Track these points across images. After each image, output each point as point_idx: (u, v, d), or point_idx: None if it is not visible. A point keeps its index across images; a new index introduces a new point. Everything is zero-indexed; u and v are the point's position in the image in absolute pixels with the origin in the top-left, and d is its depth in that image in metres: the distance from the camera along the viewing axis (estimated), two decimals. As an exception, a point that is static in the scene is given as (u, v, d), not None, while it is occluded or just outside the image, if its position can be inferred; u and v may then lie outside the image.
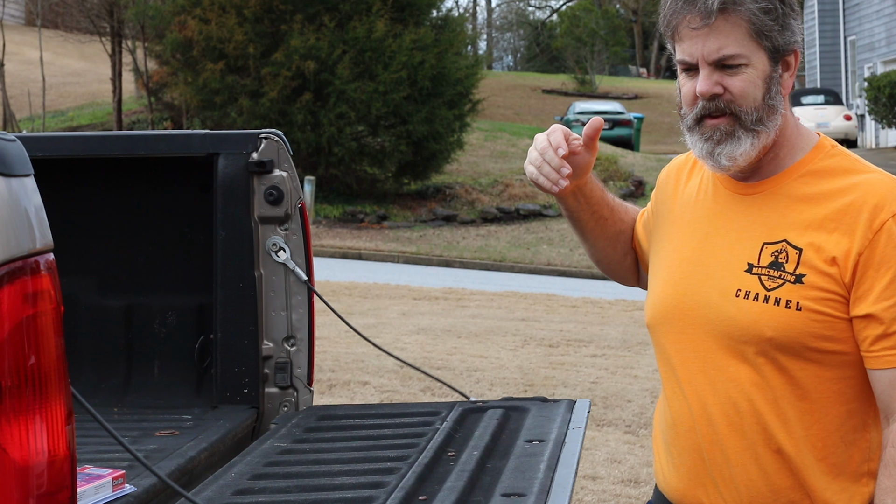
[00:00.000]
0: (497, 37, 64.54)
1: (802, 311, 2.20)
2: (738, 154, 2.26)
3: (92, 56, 37.82)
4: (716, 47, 2.22)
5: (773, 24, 2.24)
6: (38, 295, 1.80)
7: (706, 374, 2.30)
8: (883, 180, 2.26)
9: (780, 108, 2.28)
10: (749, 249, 2.28)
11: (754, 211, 2.32)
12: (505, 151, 27.83)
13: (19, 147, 1.87)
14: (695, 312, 2.32)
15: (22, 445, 1.75)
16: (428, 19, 24.28)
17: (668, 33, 2.30)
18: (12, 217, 1.79)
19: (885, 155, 28.05)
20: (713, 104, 2.25)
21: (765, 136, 2.26)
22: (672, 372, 2.38)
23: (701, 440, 2.32)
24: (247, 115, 22.21)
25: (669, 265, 2.40)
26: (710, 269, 2.32)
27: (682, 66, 2.29)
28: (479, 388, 7.88)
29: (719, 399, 2.29)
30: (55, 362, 1.82)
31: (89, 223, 3.96)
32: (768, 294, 2.23)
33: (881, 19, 32.28)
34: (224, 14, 22.52)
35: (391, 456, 2.81)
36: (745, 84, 2.24)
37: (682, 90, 2.30)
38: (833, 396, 2.24)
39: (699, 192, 2.43)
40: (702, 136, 2.28)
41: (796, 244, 2.24)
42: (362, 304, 12.16)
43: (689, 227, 2.40)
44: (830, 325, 2.21)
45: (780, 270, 2.24)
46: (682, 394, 2.35)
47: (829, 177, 2.28)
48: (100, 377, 3.84)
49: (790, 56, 2.29)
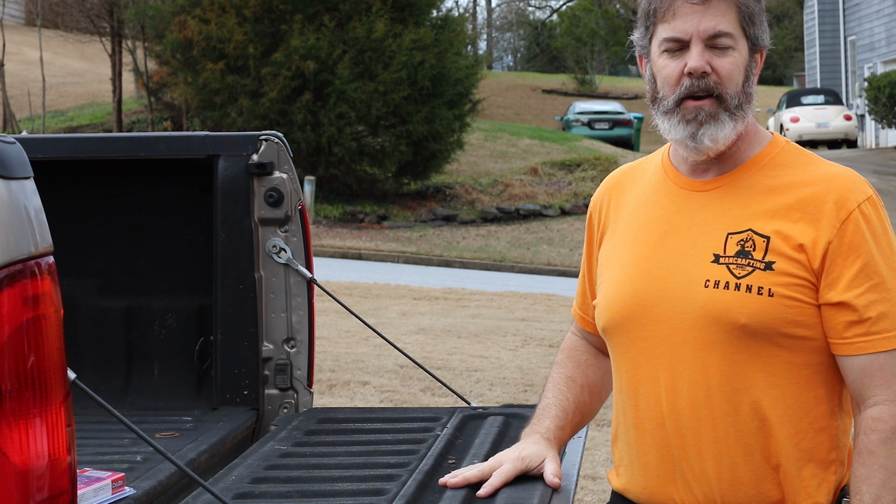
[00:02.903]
0: (497, 37, 64.54)
1: (775, 296, 2.23)
2: (720, 136, 2.29)
3: (92, 56, 37.81)
4: (713, 24, 2.27)
5: (757, 14, 2.31)
6: (39, 298, 1.80)
7: (674, 368, 2.31)
8: (843, 172, 2.33)
9: (753, 99, 2.33)
10: (714, 241, 2.30)
11: (715, 204, 2.34)
12: (505, 151, 27.83)
13: (19, 149, 1.87)
14: (658, 308, 2.33)
15: (22, 449, 1.74)
16: (428, 19, 24.27)
17: (664, 9, 2.31)
18: (12, 219, 1.79)
19: (885, 155, 28.04)
20: (700, 83, 2.28)
21: (742, 122, 2.31)
22: (636, 370, 2.38)
23: (670, 436, 2.32)
24: (247, 115, 22.21)
25: (624, 268, 2.41)
26: (673, 264, 2.33)
27: (672, 44, 2.30)
28: (479, 388, 7.88)
29: (689, 392, 2.30)
30: (55, 365, 1.81)
31: (89, 225, 3.96)
32: (739, 282, 2.25)
33: (881, 19, 32.27)
34: (224, 14, 22.52)
35: (391, 462, 2.81)
36: (732, 66, 2.29)
37: (664, 72, 2.31)
38: (802, 383, 2.27)
39: (646, 198, 2.45)
40: (683, 117, 2.29)
41: (762, 232, 2.27)
42: (362, 304, 12.15)
43: (643, 230, 2.41)
44: (801, 310, 2.24)
45: (748, 258, 2.26)
46: (649, 390, 2.35)
47: (788, 168, 2.33)
48: (100, 379, 3.84)
49: (758, 53, 2.35)
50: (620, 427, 2.44)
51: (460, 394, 3.86)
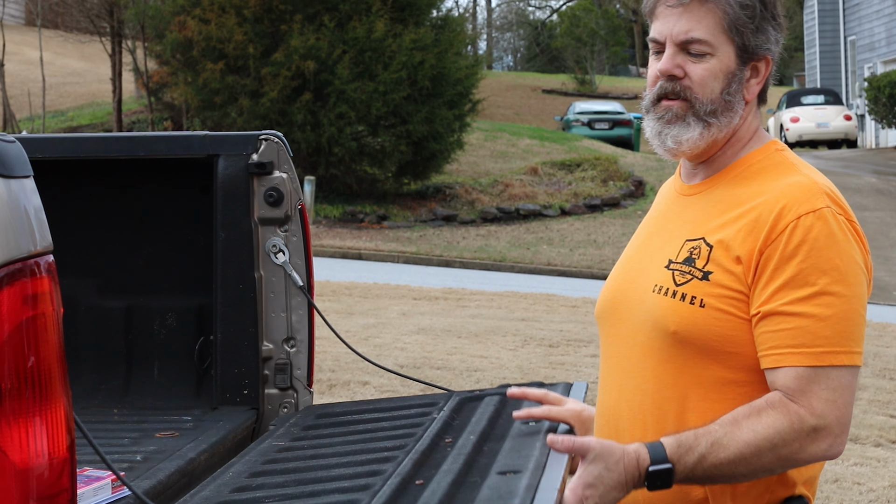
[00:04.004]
0: (497, 37, 64.53)
1: (706, 307, 2.20)
2: (684, 139, 2.28)
3: (92, 56, 37.81)
4: (684, 29, 2.25)
5: (749, 21, 2.26)
6: (38, 297, 1.80)
7: (622, 369, 2.33)
8: (801, 182, 2.23)
9: (738, 109, 2.29)
10: (673, 246, 2.31)
11: (689, 211, 2.35)
12: (505, 151, 27.82)
13: (19, 148, 1.87)
14: (622, 308, 2.36)
15: (22, 448, 1.75)
16: (428, 19, 24.26)
17: (647, 10, 2.34)
18: (12, 219, 1.79)
19: (885, 155, 28.04)
20: (671, 85, 2.28)
21: (716, 129, 2.28)
22: (603, 364, 2.42)
23: (612, 435, 2.33)
24: (247, 115, 22.20)
25: (619, 263, 2.47)
26: (643, 266, 2.36)
27: (653, 46, 2.32)
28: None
29: (628, 395, 2.31)
30: (55, 364, 1.82)
31: (89, 225, 3.96)
32: (676, 289, 2.25)
33: (881, 19, 32.27)
34: (224, 14, 22.51)
35: (388, 446, 2.81)
36: (705, 73, 2.26)
37: (648, 71, 2.34)
38: (737, 399, 2.20)
39: (663, 198, 2.50)
40: (655, 115, 2.31)
41: (710, 242, 2.25)
42: (362, 304, 12.15)
43: (643, 229, 2.47)
44: (733, 325, 2.19)
45: (690, 266, 2.25)
46: (606, 386, 2.39)
47: (759, 177, 2.29)
48: (100, 378, 3.84)
49: (760, 62, 2.30)
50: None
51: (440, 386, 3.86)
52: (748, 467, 2.14)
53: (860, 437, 6.99)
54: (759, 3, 2.26)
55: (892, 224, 19.35)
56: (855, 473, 6.22)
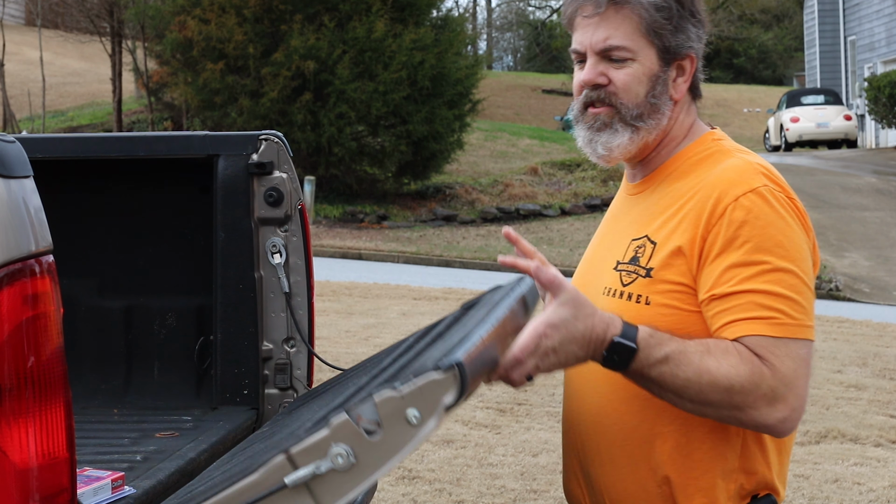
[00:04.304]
0: (497, 37, 64.51)
1: (651, 305, 2.21)
2: (613, 145, 2.30)
3: (92, 56, 37.81)
4: (603, 37, 2.27)
5: (666, 23, 2.27)
6: (38, 297, 1.80)
7: (582, 375, 2.32)
8: (735, 165, 2.25)
9: (665, 109, 2.30)
10: (620, 247, 2.32)
11: (632, 210, 2.37)
12: (505, 151, 27.82)
13: (19, 149, 1.87)
14: None
15: (21, 448, 1.75)
16: (428, 19, 24.26)
17: (566, 22, 2.36)
18: (12, 219, 1.79)
19: (885, 155, 28.04)
20: (596, 93, 2.30)
21: (645, 132, 2.29)
22: (566, 373, 2.41)
23: (576, 439, 2.34)
24: (247, 116, 22.21)
25: (578, 266, 2.49)
26: (595, 269, 2.38)
27: (575, 56, 2.34)
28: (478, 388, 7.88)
29: (589, 399, 2.32)
30: (55, 364, 1.82)
31: (89, 225, 3.96)
32: (623, 290, 2.26)
33: (881, 19, 32.27)
34: (224, 14, 22.52)
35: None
36: (628, 78, 2.27)
37: (574, 80, 2.36)
38: None
39: (614, 201, 2.51)
40: (585, 124, 2.33)
41: (654, 238, 2.26)
42: (362, 304, 12.15)
43: (595, 235, 2.50)
44: (680, 318, 2.20)
45: (635, 265, 2.26)
46: (569, 393, 2.39)
47: (695, 170, 2.30)
48: (100, 378, 3.84)
49: (684, 60, 2.32)
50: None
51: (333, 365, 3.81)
52: (698, 394, 2.10)
53: (860, 437, 6.99)
54: (675, 3, 2.27)
55: (892, 224, 19.35)
56: (855, 473, 6.22)
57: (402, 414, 1.67)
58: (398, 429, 1.67)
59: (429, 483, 5.81)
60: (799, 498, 5.80)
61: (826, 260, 16.75)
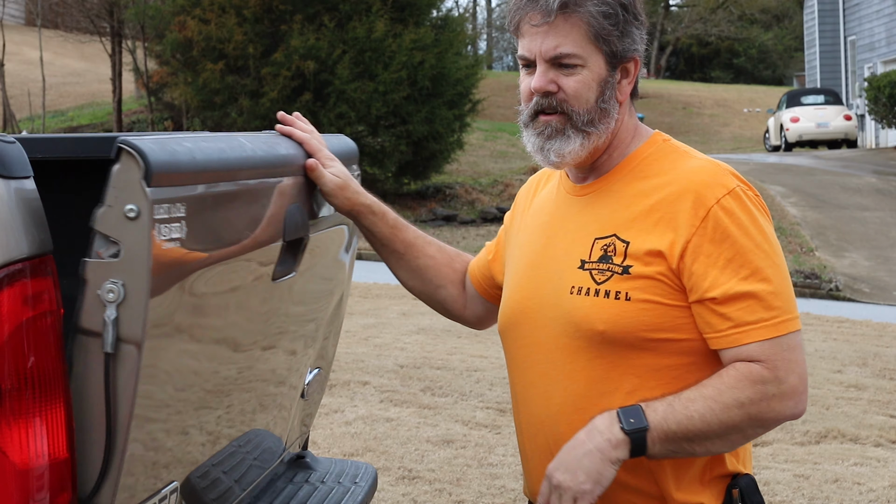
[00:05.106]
0: (497, 37, 64.50)
1: (632, 301, 2.24)
2: (566, 152, 2.32)
3: (92, 56, 37.82)
4: (553, 45, 2.28)
5: (613, 28, 2.29)
6: (38, 297, 1.80)
7: (549, 375, 2.33)
8: (703, 167, 2.29)
9: (614, 113, 2.33)
10: (582, 247, 2.33)
11: (588, 210, 2.37)
12: (505, 151, 27.83)
13: (19, 149, 1.87)
14: (537, 314, 2.36)
15: (22, 448, 1.75)
16: (428, 19, 24.26)
17: (512, 28, 2.37)
18: (12, 219, 1.79)
19: (885, 155, 28.04)
20: (546, 101, 2.31)
21: (595, 137, 2.32)
22: (519, 375, 2.41)
23: (548, 441, 2.34)
24: (247, 115, 22.21)
25: (517, 271, 2.46)
26: (550, 270, 2.37)
27: (522, 62, 2.35)
28: (479, 388, 7.88)
29: (560, 398, 2.32)
30: (55, 365, 1.82)
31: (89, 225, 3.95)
32: (598, 287, 2.27)
33: (881, 19, 32.28)
34: (224, 14, 22.52)
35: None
36: (578, 85, 2.29)
37: (521, 87, 2.37)
38: (671, 383, 2.25)
39: (547, 199, 2.50)
40: (535, 131, 2.34)
41: (624, 238, 2.28)
42: (362, 304, 12.15)
43: (536, 233, 2.47)
44: (660, 313, 2.24)
45: (608, 263, 2.28)
46: (529, 396, 2.38)
47: (653, 169, 2.33)
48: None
49: (629, 63, 2.35)
50: (516, 432, 2.49)
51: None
52: (719, 425, 2.19)
53: (860, 437, 6.99)
54: (620, 8, 2.30)
55: (892, 224, 19.35)
56: (855, 473, 6.22)
57: (122, 216, 1.86)
58: (130, 230, 1.86)
59: (429, 483, 5.81)
60: (799, 498, 5.80)
61: (826, 260, 16.76)
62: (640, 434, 2.18)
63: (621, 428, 2.19)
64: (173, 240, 1.92)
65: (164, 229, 1.89)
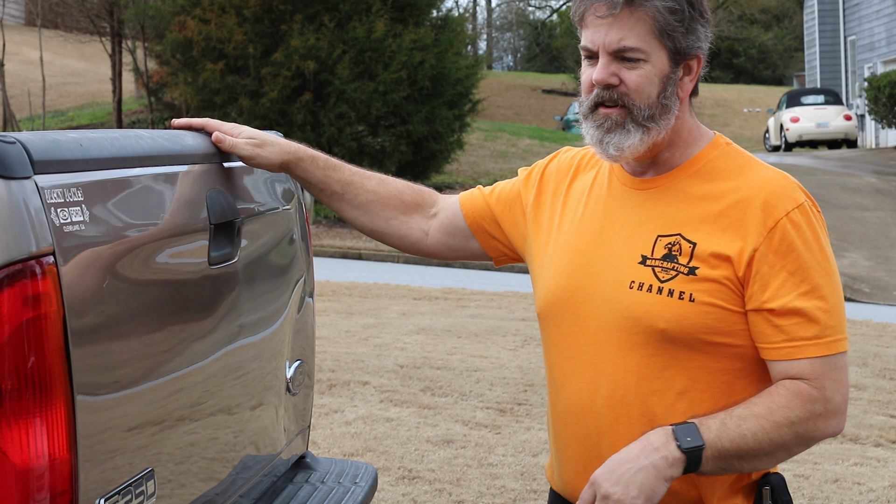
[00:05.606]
0: (497, 37, 64.53)
1: (695, 302, 2.24)
2: (625, 146, 2.30)
3: (92, 56, 37.82)
4: (617, 38, 2.27)
5: (678, 25, 2.28)
6: (39, 297, 1.80)
7: (596, 366, 2.33)
8: (775, 178, 2.30)
9: (674, 109, 2.32)
10: (644, 242, 2.32)
11: (649, 205, 2.35)
12: (505, 151, 27.83)
13: (19, 149, 1.87)
14: (587, 304, 2.35)
15: (22, 449, 1.75)
16: (428, 19, 24.27)
17: (576, 19, 2.36)
18: (12, 219, 1.79)
19: (885, 155, 28.04)
20: (608, 93, 2.30)
21: (655, 133, 2.31)
22: (562, 363, 2.41)
23: (590, 432, 2.34)
24: (247, 116, 22.20)
25: (562, 257, 2.43)
26: (605, 261, 2.36)
27: (585, 53, 2.34)
28: (479, 388, 7.88)
29: (608, 390, 2.32)
30: (56, 365, 1.82)
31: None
32: (662, 285, 2.27)
33: (881, 19, 32.27)
34: (224, 14, 22.52)
35: None
36: (640, 79, 2.29)
37: (582, 78, 2.36)
38: (721, 388, 2.27)
39: (593, 187, 2.47)
40: (594, 123, 2.33)
41: (690, 238, 2.28)
42: (362, 304, 12.15)
43: (584, 221, 2.44)
44: (722, 317, 2.25)
45: (673, 262, 2.27)
46: (572, 385, 2.38)
47: (722, 173, 2.33)
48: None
49: (692, 60, 2.34)
50: (549, 419, 2.49)
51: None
52: (770, 443, 2.22)
53: (860, 437, 6.99)
54: (686, 5, 2.29)
55: (892, 224, 19.35)
56: (855, 473, 6.22)
57: None
58: None
59: (429, 483, 5.81)
60: (799, 498, 5.80)
61: (826, 260, 16.74)
62: (697, 453, 2.20)
63: (678, 446, 2.20)
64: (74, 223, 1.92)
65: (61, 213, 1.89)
